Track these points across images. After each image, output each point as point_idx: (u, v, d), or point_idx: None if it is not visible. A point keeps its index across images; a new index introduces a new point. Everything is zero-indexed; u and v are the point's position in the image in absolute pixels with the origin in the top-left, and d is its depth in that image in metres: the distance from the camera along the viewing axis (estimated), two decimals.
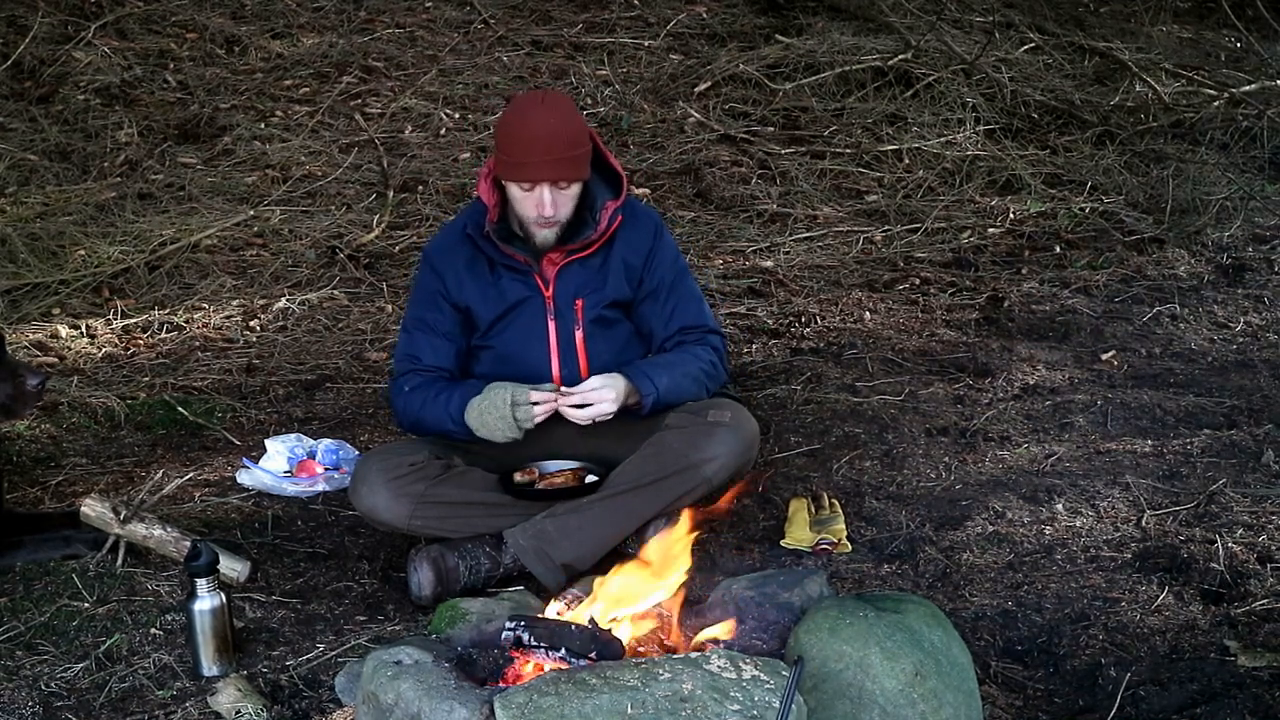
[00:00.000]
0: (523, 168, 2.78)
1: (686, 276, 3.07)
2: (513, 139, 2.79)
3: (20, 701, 2.47)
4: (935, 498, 3.37)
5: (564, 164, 2.78)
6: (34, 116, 6.05)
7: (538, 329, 2.95)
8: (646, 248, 2.98)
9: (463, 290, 2.96)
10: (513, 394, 2.77)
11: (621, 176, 2.96)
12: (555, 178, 2.78)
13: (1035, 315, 4.83)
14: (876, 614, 2.19)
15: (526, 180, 2.79)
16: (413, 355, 2.99)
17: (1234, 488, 3.32)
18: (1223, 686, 2.47)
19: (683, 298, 3.02)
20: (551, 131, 2.75)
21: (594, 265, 2.94)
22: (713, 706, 1.93)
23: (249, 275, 5.04)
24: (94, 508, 2.95)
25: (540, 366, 2.95)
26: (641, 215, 3.04)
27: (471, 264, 2.96)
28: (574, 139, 2.80)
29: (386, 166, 5.96)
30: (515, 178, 2.80)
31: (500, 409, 2.77)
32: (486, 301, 2.96)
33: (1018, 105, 6.78)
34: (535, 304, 2.95)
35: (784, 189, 6.01)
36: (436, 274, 2.99)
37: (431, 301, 2.99)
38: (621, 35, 7.45)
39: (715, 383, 3.00)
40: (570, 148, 2.79)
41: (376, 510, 2.85)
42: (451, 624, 2.43)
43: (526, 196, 2.82)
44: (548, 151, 2.75)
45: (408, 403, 2.94)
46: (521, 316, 2.95)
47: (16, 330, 4.45)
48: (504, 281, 2.95)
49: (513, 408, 2.76)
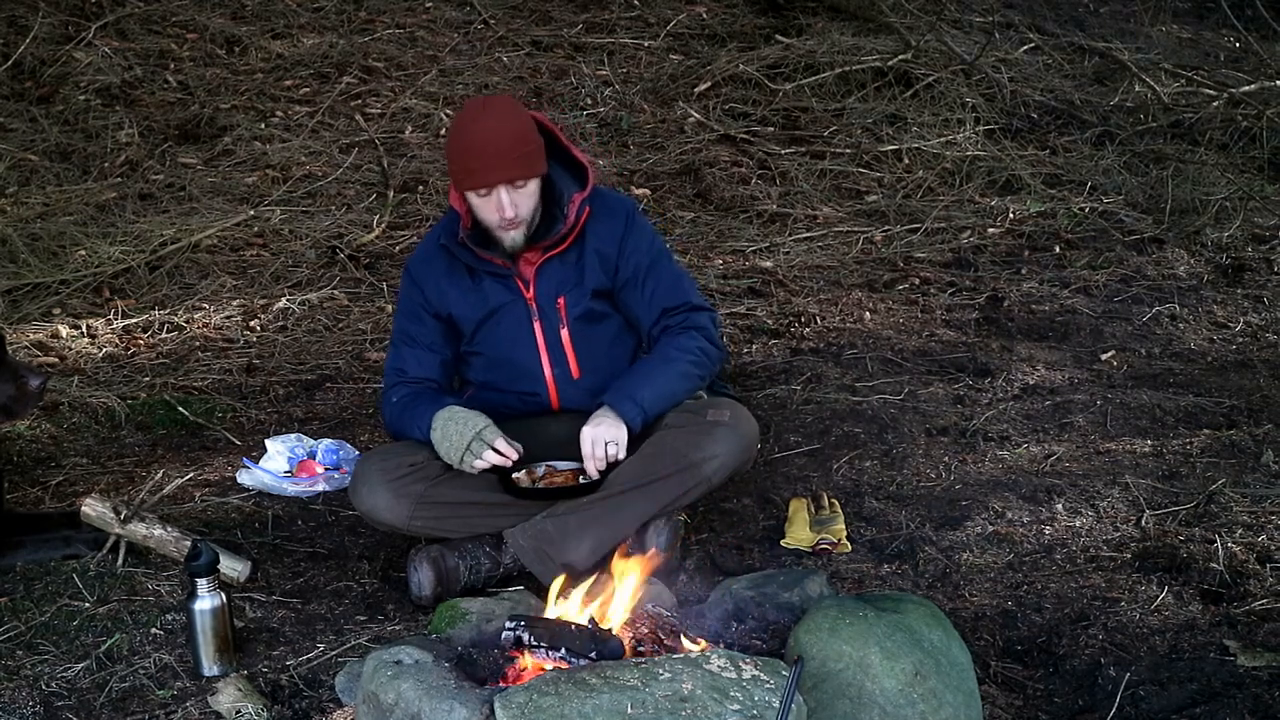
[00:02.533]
0: (473, 174, 2.79)
1: (664, 258, 3.04)
2: (459, 149, 2.81)
3: (21, 701, 2.47)
4: (935, 498, 3.37)
5: (513, 163, 2.78)
6: (34, 116, 6.05)
7: (524, 331, 2.96)
8: (619, 234, 2.96)
9: (444, 299, 2.98)
10: (481, 432, 2.79)
11: (586, 167, 2.96)
12: (507, 178, 2.78)
13: (1035, 315, 4.83)
14: (876, 614, 2.19)
15: (480, 186, 2.79)
16: (399, 368, 3.03)
17: (1234, 488, 3.33)
18: (1222, 686, 2.47)
19: (661, 279, 2.99)
20: (495, 134, 2.77)
21: (570, 260, 2.94)
22: (713, 706, 1.94)
23: (249, 275, 5.04)
24: (94, 508, 2.95)
25: (532, 368, 2.96)
26: (612, 202, 3.03)
27: (450, 272, 2.97)
28: (519, 136, 2.81)
29: (387, 166, 5.96)
30: (469, 186, 2.81)
31: (464, 434, 2.79)
32: (469, 307, 2.97)
33: (1017, 105, 6.79)
34: (518, 307, 2.95)
35: (784, 189, 6.01)
36: (416, 286, 3.01)
37: (413, 314, 3.02)
38: (621, 35, 7.45)
39: (710, 366, 2.96)
40: (516, 145, 2.79)
41: (377, 510, 2.85)
42: (451, 624, 2.43)
43: (485, 203, 2.82)
44: (495, 155, 2.76)
45: (393, 413, 2.99)
46: (506, 320, 2.96)
47: (17, 330, 4.45)
48: (485, 286, 2.96)
49: (474, 440, 2.78)
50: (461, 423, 2.80)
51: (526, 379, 2.96)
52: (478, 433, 2.78)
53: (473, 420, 2.81)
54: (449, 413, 2.83)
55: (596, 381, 2.95)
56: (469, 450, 2.78)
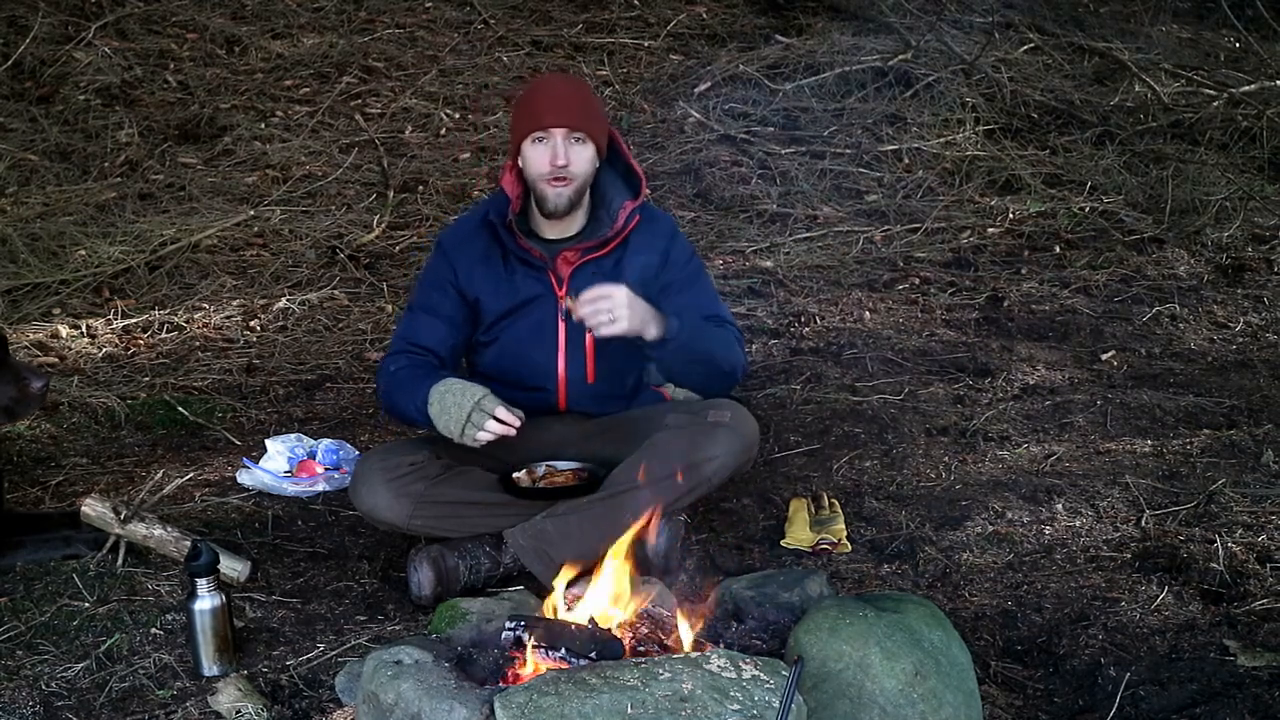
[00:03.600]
0: (536, 115, 2.82)
1: (702, 276, 3.03)
2: (527, 97, 2.90)
3: (20, 701, 2.47)
4: (935, 498, 3.37)
5: (576, 111, 2.82)
6: (34, 116, 6.05)
7: (548, 329, 2.92)
8: (662, 248, 2.94)
9: (473, 281, 2.94)
10: (481, 400, 2.71)
11: (641, 178, 2.96)
12: (568, 123, 2.80)
13: (1035, 315, 4.83)
14: (876, 614, 2.19)
15: (540, 128, 2.80)
16: (409, 335, 2.96)
17: (1234, 488, 3.33)
18: (1222, 686, 2.47)
19: (695, 295, 2.96)
20: (564, 85, 2.94)
21: (607, 267, 2.90)
22: (713, 706, 1.93)
23: (249, 275, 5.04)
24: (94, 508, 2.95)
25: (546, 365, 2.93)
26: (659, 218, 3.03)
27: (486, 255, 2.94)
28: (587, 100, 2.90)
29: (386, 166, 5.97)
30: (529, 128, 2.82)
31: (463, 405, 2.70)
32: (498, 294, 2.93)
33: (1017, 105, 6.78)
34: (547, 303, 2.92)
35: (784, 189, 6.01)
36: (447, 261, 2.97)
37: (439, 286, 2.97)
38: (621, 35, 7.46)
39: (736, 357, 2.92)
40: (583, 101, 2.87)
41: (377, 510, 2.85)
42: (451, 624, 2.43)
43: (540, 150, 2.81)
44: (561, 99, 2.83)
45: (388, 383, 2.91)
46: (532, 314, 2.93)
47: (17, 330, 4.45)
48: (517, 276, 2.92)
49: (474, 410, 2.69)
50: (459, 393, 2.73)
51: (538, 375, 2.92)
52: (476, 402, 2.70)
53: (470, 390, 2.73)
54: (445, 385, 2.76)
55: (608, 388, 2.94)
56: (469, 421, 2.70)
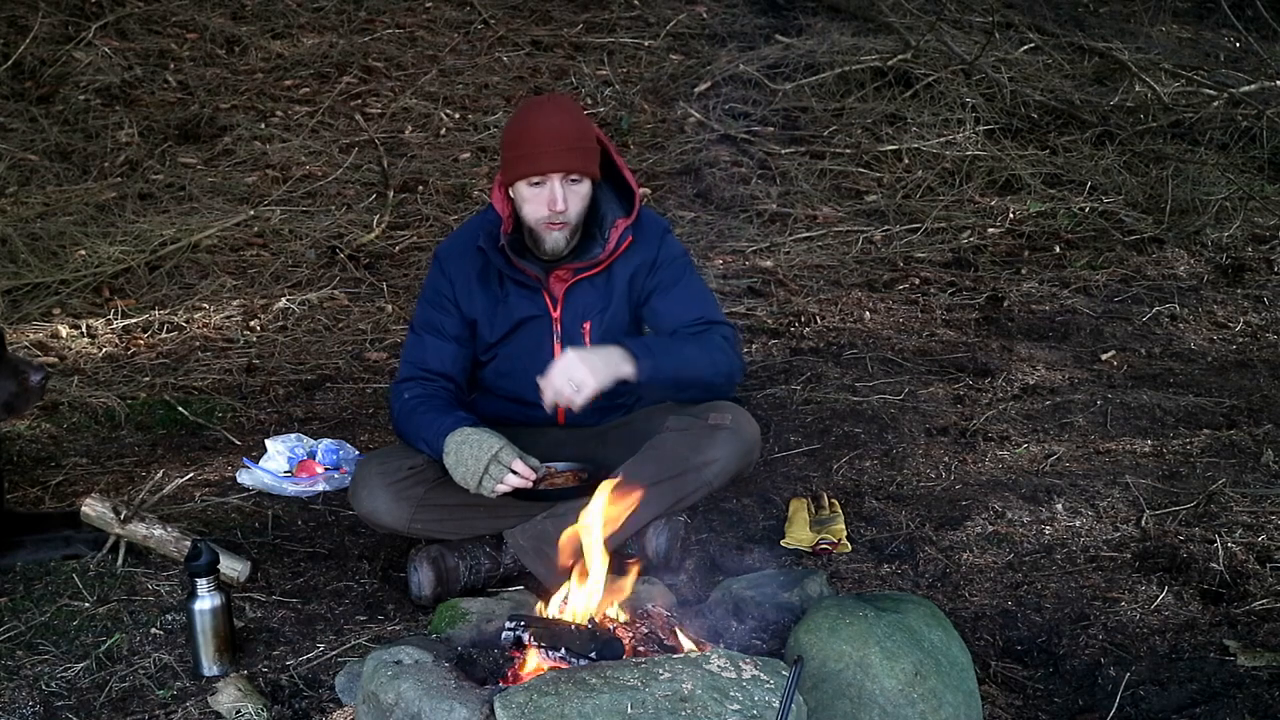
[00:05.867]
0: (532, 160, 2.72)
1: (689, 273, 2.99)
2: (521, 136, 2.75)
3: (20, 701, 2.47)
4: (935, 498, 3.37)
5: (573, 154, 2.73)
6: (34, 116, 6.05)
7: (544, 349, 2.89)
8: (650, 258, 2.91)
9: (471, 301, 2.92)
10: (499, 452, 2.69)
11: (634, 192, 2.91)
12: (566, 168, 2.72)
13: (1035, 315, 4.83)
14: (876, 614, 2.19)
15: (537, 173, 2.72)
16: (419, 360, 2.93)
17: (1234, 488, 3.33)
18: (1222, 686, 2.47)
19: (680, 296, 2.94)
20: (558, 123, 2.73)
21: (600, 284, 2.89)
22: (713, 706, 1.93)
23: (249, 275, 5.04)
24: (94, 508, 2.95)
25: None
26: (650, 222, 2.97)
27: (482, 277, 2.91)
28: (582, 132, 2.77)
29: (386, 166, 5.97)
30: (525, 172, 2.74)
31: (480, 458, 2.68)
32: (494, 318, 2.91)
33: (1017, 105, 6.79)
34: (542, 324, 2.90)
35: (784, 189, 6.01)
36: (446, 278, 2.94)
37: (440, 304, 2.94)
38: (621, 35, 7.46)
39: (727, 364, 2.88)
40: (579, 139, 2.75)
41: (377, 514, 2.83)
42: (451, 624, 2.43)
43: (537, 194, 2.75)
44: (557, 142, 2.71)
45: (402, 410, 2.90)
46: (528, 335, 2.91)
47: (17, 330, 4.45)
48: (512, 297, 2.90)
49: (491, 463, 2.68)
50: (476, 445, 2.70)
51: (537, 393, 2.90)
52: (494, 455, 2.68)
53: (487, 441, 2.70)
54: (461, 435, 2.72)
55: (608, 402, 2.91)
56: (487, 474, 2.68)
